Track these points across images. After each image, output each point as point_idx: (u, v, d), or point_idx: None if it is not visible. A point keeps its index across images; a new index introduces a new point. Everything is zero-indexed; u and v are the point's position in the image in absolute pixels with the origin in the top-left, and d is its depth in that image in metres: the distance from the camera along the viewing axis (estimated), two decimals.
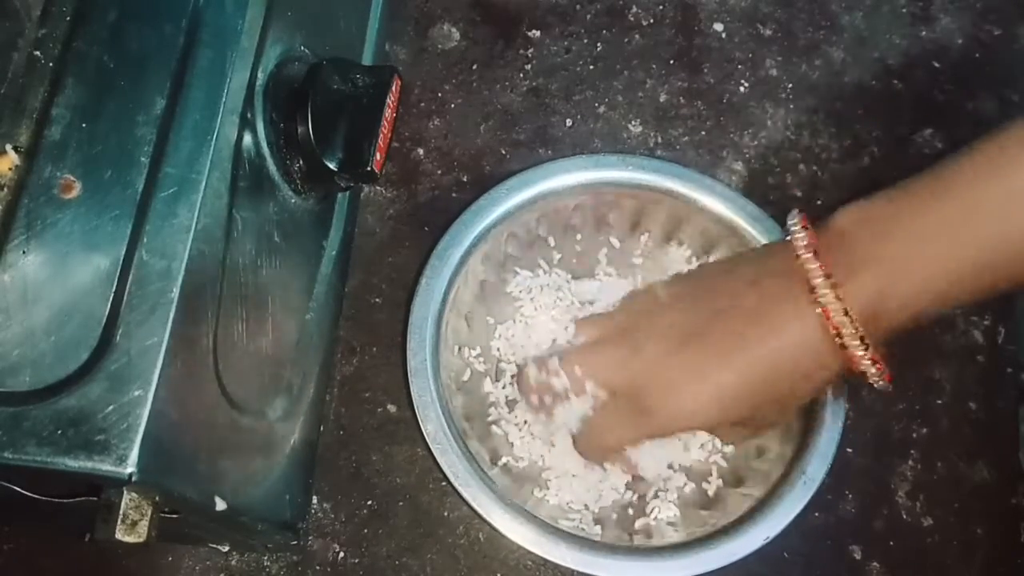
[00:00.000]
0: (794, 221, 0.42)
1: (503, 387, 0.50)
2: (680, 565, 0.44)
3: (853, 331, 0.40)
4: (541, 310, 0.50)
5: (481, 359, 0.50)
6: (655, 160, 0.52)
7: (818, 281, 0.40)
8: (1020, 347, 0.53)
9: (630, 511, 0.48)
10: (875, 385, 0.42)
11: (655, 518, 0.47)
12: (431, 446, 0.45)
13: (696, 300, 0.44)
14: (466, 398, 0.49)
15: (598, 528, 0.47)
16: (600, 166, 0.51)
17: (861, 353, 0.40)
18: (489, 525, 0.44)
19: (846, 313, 0.39)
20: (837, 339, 0.40)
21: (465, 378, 0.50)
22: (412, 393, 0.46)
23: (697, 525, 0.46)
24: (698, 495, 0.48)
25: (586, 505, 0.47)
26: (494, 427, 0.49)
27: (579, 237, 0.53)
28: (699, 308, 0.44)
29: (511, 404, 0.49)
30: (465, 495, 0.44)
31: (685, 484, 0.48)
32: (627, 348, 0.44)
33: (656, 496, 0.48)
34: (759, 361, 0.42)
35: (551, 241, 0.52)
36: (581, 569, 0.44)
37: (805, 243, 0.41)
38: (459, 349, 0.50)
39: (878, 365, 0.41)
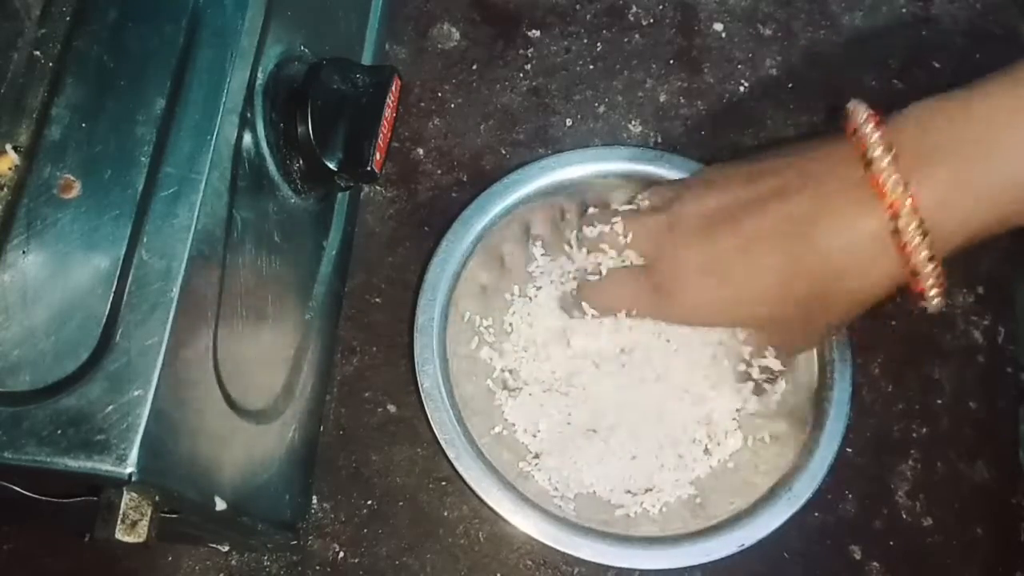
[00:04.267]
0: (858, 106, 0.38)
1: (506, 361, 0.50)
2: (651, 556, 0.45)
3: (918, 227, 0.35)
4: (558, 295, 0.50)
5: (491, 330, 0.50)
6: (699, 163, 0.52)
7: (883, 166, 0.36)
8: (1020, 347, 0.53)
9: (612, 500, 0.48)
10: (929, 301, 0.37)
11: (634, 512, 0.47)
12: (424, 403, 0.46)
13: (745, 187, 0.42)
14: (470, 363, 0.50)
15: (574, 510, 0.47)
16: (642, 159, 0.52)
17: (924, 255, 0.36)
18: (463, 480, 0.45)
19: (914, 208, 0.35)
20: (897, 238, 0.36)
21: (472, 346, 0.50)
22: (414, 348, 0.47)
23: (677, 524, 0.47)
24: (684, 496, 0.48)
25: (568, 486, 0.47)
26: (493, 398, 0.49)
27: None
28: (744, 195, 0.41)
29: (512, 376, 0.49)
30: (449, 454, 0.45)
31: (674, 485, 0.48)
32: (665, 223, 0.44)
33: (645, 492, 0.48)
34: (800, 258, 0.38)
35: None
36: (542, 540, 0.45)
37: (871, 126, 0.36)
38: (469, 316, 0.50)
39: (939, 274, 0.36)
